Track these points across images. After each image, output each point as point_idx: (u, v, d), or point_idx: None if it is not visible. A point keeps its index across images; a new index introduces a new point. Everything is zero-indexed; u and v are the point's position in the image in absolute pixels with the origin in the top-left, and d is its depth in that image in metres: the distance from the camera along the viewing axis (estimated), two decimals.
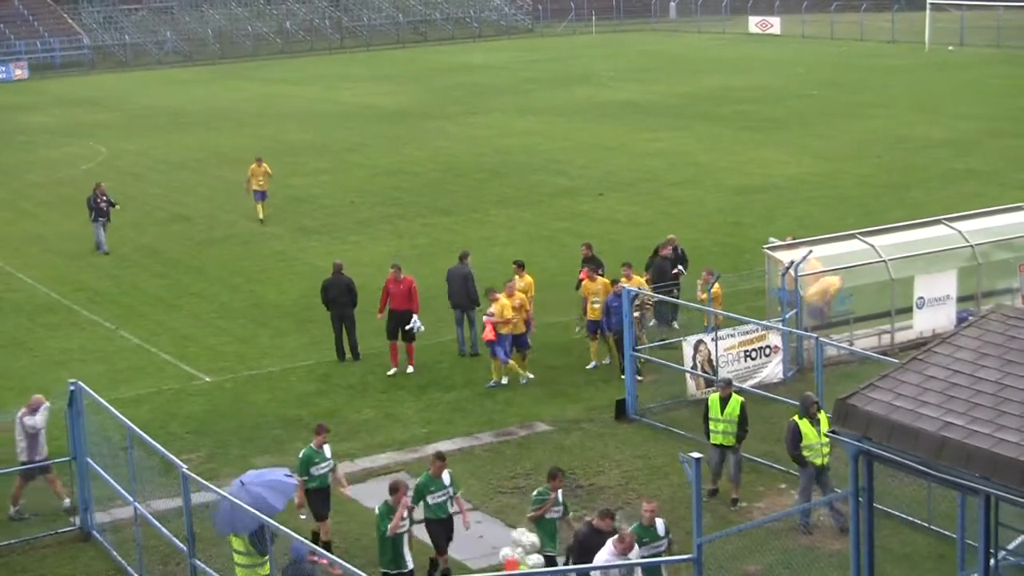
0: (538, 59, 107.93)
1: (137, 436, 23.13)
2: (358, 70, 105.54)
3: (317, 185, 57.77)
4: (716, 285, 32.72)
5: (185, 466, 21.02)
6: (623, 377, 31.11)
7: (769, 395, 28.74)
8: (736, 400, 25.45)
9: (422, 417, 30.70)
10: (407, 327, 33.59)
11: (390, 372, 33.54)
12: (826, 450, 23.74)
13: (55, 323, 39.58)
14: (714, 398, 25.73)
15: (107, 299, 41.81)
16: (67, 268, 45.77)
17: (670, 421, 29.60)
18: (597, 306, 33.23)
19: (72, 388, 24.82)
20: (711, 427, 25.65)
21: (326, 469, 23.81)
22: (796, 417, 23.99)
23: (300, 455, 23.88)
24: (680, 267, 36.22)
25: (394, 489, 21.71)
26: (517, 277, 34.38)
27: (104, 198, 47.51)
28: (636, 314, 31.29)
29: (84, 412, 25.03)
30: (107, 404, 24.59)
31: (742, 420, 25.34)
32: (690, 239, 40.07)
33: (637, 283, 32.84)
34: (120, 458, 24.57)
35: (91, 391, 24.86)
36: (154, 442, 22.83)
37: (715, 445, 25.63)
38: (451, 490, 22.63)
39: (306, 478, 23.60)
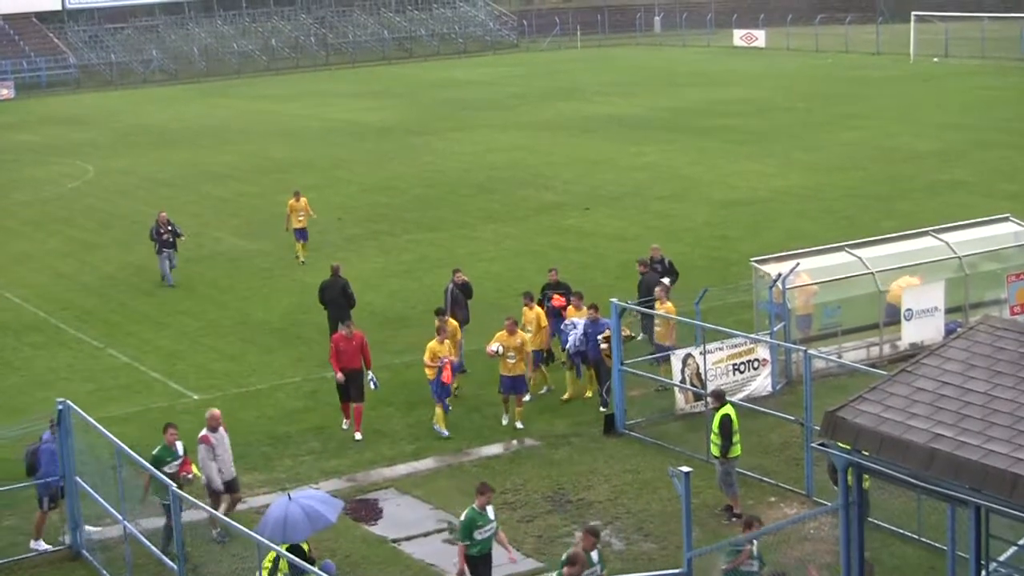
0: (523, 74, 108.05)
1: (126, 455, 23.09)
2: (344, 87, 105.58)
3: None
4: (669, 303, 32.36)
5: (175, 484, 20.97)
6: (602, 410, 30.90)
7: (758, 408, 28.70)
8: (719, 413, 25.48)
9: (410, 433, 30.63)
10: (367, 381, 30.84)
11: (344, 425, 31.07)
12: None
13: (42, 342, 39.48)
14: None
15: (94, 317, 41.72)
16: (54, 287, 45.65)
17: (659, 435, 29.58)
18: (529, 335, 31.96)
19: (60, 407, 24.74)
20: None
21: (490, 532, 21.89)
22: None
23: (462, 517, 21.95)
24: (667, 280, 36.10)
25: (572, 561, 19.62)
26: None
27: (168, 228, 44.90)
28: (605, 345, 30.81)
29: (72, 431, 24.95)
30: (95, 423, 24.53)
31: (720, 431, 25.38)
32: (677, 252, 40.05)
33: (590, 315, 31.66)
34: (109, 477, 24.50)
35: (79, 410, 24.80)
36: (143, 460, 22.80)
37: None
38: (599, 568, 20.58)
39: (468, 543, 21.74)
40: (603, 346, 30.92)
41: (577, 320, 32.05)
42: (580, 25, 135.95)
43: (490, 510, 21.92)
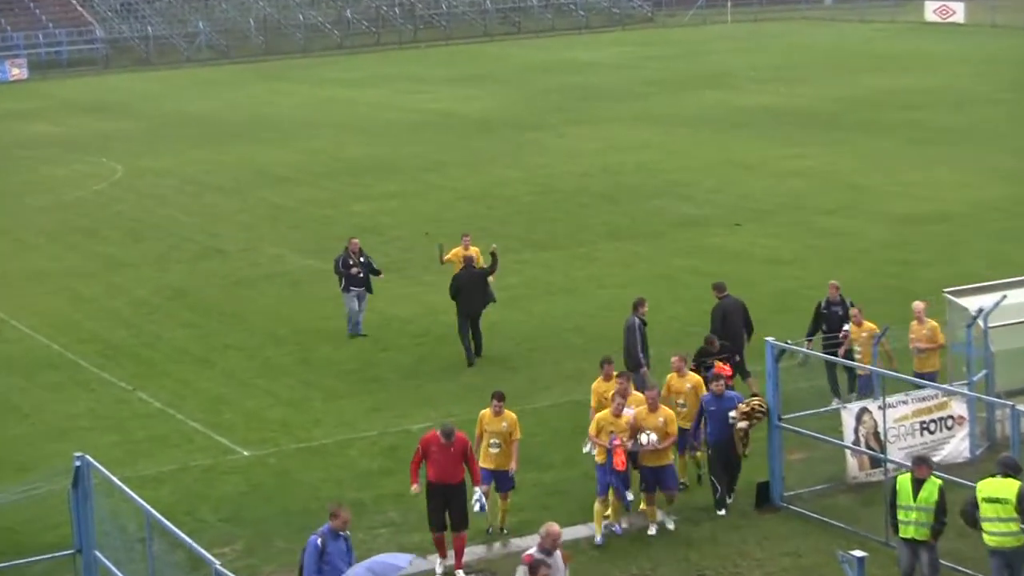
0: (659, 55, 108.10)
1: (158, 524, 23.12)
2: (435, 70, 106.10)
3: (384, 212, 57.92)
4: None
5: (218, 562, 20.97)
6: (720, 512, 29.65)
7: (953, 478, 28.27)
8: (934, 483, 24.97)
9: (512, 502, 30.41)
10: (472, 503, 28.03)
11: (439, 568, 27.77)
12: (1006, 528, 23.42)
13: (57, 382, 39.78)
14: (904, 479, 25.22)
15: (122, 353, 42.01)
16: (73, 314, 46.06)
17: (825, 510, 29.28)
18: (684, 410, 30.44)
19: (77, 463, 24.84)
20: (901, 516, 25.18)
21: None
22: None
23: None
24: (847, 326, 35.56)
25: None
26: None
27: (361, 260, 42.51)
28: (744, 424, 29.93)
29: (92, 494, 25.06)
30: (121, 484, 24.61)
31: (939, 509, 24.90)
32: (848, 281, 39.64)
33: (694, 380, 30.64)
34: (137, 551, 24.58)
35: (101, 467, 24.89)
36: (179, 532, 22.82)
37: (905, 540, 25.27)
38: None
39: None
40: (740, 424, 29.42)
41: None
42: None
43: None
